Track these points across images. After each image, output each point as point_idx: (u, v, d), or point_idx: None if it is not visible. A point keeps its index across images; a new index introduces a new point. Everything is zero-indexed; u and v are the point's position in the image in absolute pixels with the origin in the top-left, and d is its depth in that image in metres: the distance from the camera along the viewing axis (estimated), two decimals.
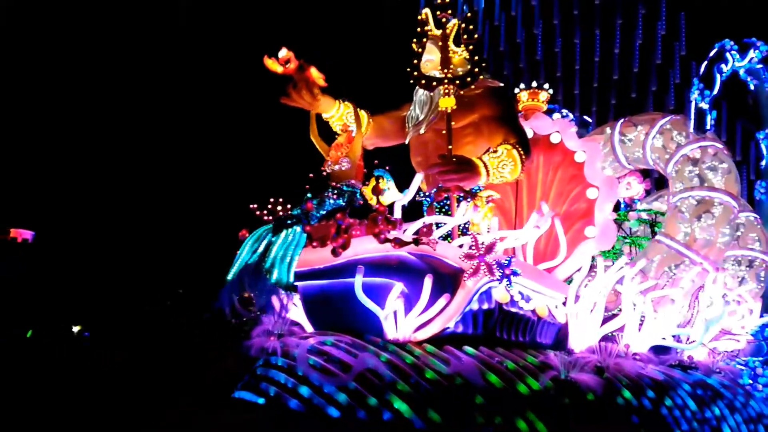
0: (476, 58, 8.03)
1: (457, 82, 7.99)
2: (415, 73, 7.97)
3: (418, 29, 8.21)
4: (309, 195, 7.15)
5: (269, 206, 7.10)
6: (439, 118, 8.58)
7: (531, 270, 8.18)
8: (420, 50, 8.15)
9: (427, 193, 8.67)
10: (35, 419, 7.08)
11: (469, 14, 8.36)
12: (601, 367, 7.65)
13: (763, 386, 9.67)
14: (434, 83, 8.04)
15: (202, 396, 7.47)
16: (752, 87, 11.18)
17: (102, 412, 7.32)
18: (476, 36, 8.18)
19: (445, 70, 8.01)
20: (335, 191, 7.23)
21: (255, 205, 7.19)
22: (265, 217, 7.08)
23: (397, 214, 8.20)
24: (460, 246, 7.54)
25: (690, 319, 9.08)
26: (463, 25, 8.09)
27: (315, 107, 8.41)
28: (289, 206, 7.04)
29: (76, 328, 13.71)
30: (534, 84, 10.40)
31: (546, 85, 10.38)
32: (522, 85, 10.48)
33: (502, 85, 8.99)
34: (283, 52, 8.20)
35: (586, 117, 14.36)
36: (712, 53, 10.27)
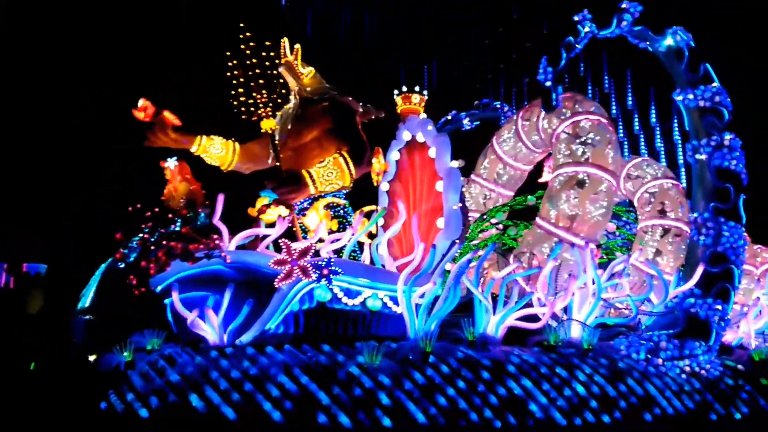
0: (281, 81, 8.71)
1: (270, 104, 8.69)
2: (235, 102, 8.73)
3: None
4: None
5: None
6: (287, 138, 9.33)
7: (358, 267, 8.56)
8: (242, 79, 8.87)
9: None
10: (35, 419, 8.26)
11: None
12: (424, 352, 7.88)
13: (664, 360, 9.20)
14: (252, 108, 8.76)
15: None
16: (650, 49, 10.65)
17: (101, 412, 8.38)
18: (278, 62, 8.84)
19: (258, 96, 8.72)
20: (172, 220, 8.16)
21: (119, 234, 8.25)
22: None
23: None
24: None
25: (557, 296, 8.92)
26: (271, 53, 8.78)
27: (173, 144, 9.46)
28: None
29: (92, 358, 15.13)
30: (404, 88, 10.73)
31: (417, 88, 10.68)
32: (396, 91, 10.85)
33: (350, 99, 9.55)
34: (141, 102, 9.34)
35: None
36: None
